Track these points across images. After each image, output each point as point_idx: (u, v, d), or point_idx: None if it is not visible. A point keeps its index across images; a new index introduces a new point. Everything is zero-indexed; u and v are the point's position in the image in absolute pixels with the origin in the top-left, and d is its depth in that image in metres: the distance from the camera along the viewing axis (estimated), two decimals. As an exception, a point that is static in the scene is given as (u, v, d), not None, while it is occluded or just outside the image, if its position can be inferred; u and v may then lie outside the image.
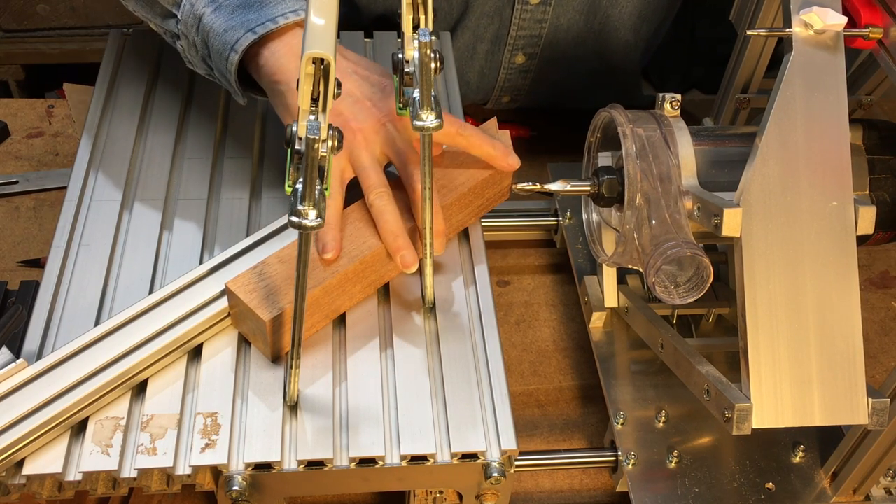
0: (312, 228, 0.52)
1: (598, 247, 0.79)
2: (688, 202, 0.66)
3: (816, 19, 0.62)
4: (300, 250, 0.55)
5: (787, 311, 0.61)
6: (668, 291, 0.64)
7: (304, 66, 0.49)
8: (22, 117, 1.08)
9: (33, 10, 1.89)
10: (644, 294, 0.82)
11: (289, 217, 0.52)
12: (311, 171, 0.51)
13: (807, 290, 0.62)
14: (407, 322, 0.71)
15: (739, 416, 0.60)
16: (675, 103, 0.70)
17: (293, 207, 0.52)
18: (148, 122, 0.86)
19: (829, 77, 0.63)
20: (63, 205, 0.77)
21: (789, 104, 0.62)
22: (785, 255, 0.62)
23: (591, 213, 0.80)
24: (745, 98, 0.83)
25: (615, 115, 0.70)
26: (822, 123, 0.62)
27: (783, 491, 0.71)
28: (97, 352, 0.64)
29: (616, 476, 0.74)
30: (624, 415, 0.75)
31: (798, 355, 0.61)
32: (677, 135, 0.69)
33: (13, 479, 0.60)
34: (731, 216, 0.61)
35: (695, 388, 0.66)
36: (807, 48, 0.63)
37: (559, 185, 0.72)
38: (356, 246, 0.69)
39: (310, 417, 0.64)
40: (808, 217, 0.62)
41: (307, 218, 0.51)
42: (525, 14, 1.00)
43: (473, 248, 0.77)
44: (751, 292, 0.61)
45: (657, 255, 0.63)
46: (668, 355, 0.71)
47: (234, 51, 0.70)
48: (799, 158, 0.62)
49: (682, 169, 0.67)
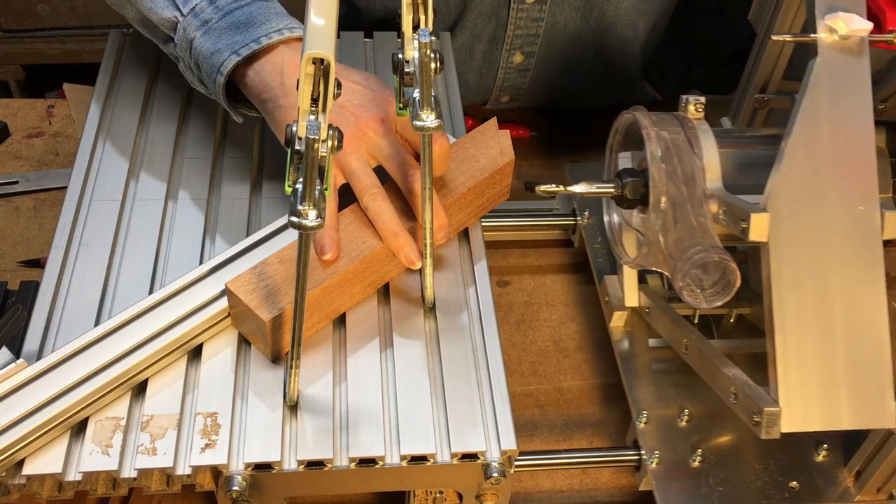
0: (313, 229, 0.52)
1: (619, 248, 0.79)
2: (713, 205, 0.66)
3: (842, 25, 0.62)
4: (300, 250, 0.55)
5: (815, 316, 0.62)
6: (694, 295, 0.64)
7: (303, 67, 0.49)
8: (22, 117, 1.08)
9: (33, 10, 1.89)
10: (665, 294, 0.81)
11: (289, 217, 0.52)
12: (310, 172, 0.51)
13: (834, 294, 0.62)
14: (407, 322, 0.71)
15: (768, 421, 0.61)
16: (699, 106, 0.70)
17: (293, 207, 0.52)
18: (148, 122, 0.86)
19: (854, 82, 0.63)
20: (63, 205, 0.77)
21: (815, 109, 0.62)
22: (812, 259, 0.62)
23: (611, 214, 0.80)
24: (764, 98, 0.83)
25: (639, 118, 0.70)
26: (847, 128, 0.62)
27: (807, 490, 0.71)
28: (97, 352, 0.64)
29: (639, 475, 0.74)
30: (647, 414, 0.75)
31: (826, 359, 0.62)
32: (701, 137, 0.69)
33: (13, 479, 0.60)
34: (758, 221, 0.61)
35: (721, 390, 0.66)
36: (832, 53, 0.63)
37: (583, 188, 0.72)
38: (356, 246, 0.69)
39: (310, 417, 0.64)
40: (835, 221, 0.62)
41: (307, 218, 0.51)
42: (521, 13, 1.00)
43: (473, 248, 0.77)
44: (778, 297, 0.62)
45: (685, 260, 0.63)
46: (693, 357, 0.71)
47: (220, 73, 0.73)
48: (825, 163, 0.62)
49: (706, 172, 0.67)
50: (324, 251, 0.67)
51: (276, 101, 0.71)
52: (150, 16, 0.77)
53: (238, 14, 0.73)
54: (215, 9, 0.74)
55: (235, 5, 0.74)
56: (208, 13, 0.74)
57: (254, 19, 0.73)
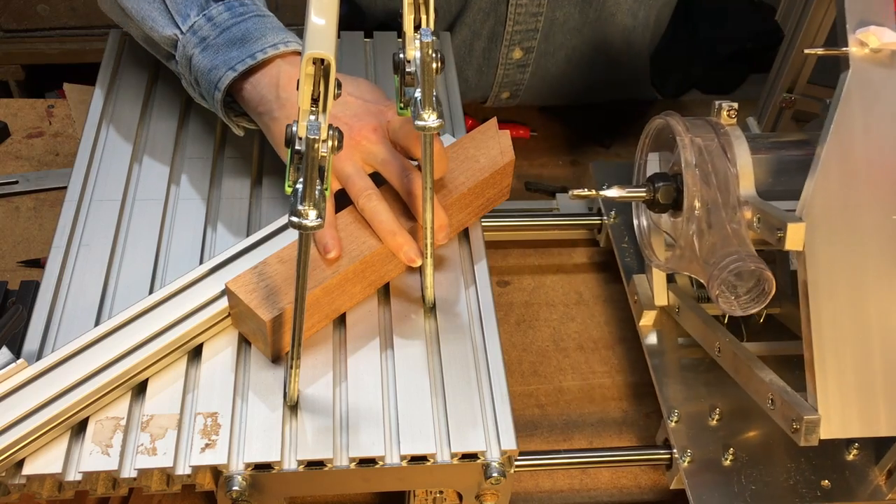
0: (313, 228, 0.52)
1: (650, 251, 0.79)
2: (747, 212, 0.67)
3: (873, 39, 0.63)
4: (300, 250, 0.55)
5: (852, 324, 0.62)
6: (729, 302, 0.65)
7: (304, 67, 0.49)
8: (22, 117, 1.08)
9: (33, 10, 1.89)
10: (694, 294, 0.82)
11: (289, 217, 0.52)
12: (311, 172, 0.51)
13: (870, 301, 0.63)
14: (407, 322, 0.71)
15: (808, 428, 0.61)
16: (732, 112, 0.71)
17: (293, 207, 0.52)
18: (148, 122, 0.86)
19: (886, 93, 0.64)
20: (63, 205, 0.77)
21: (848, 121, 0.63)
22: (847, 267, 0.63)
23: (640, 217, 0.80)
24: (791, 98, 0.83)
25: (672, 124, 0.70)
26: (880, 139, 0.64)
27: (838, 489, 0.71)
28: (97, 352, 0.64)
29: (671, 473, 0.74)
30: (678, 412, 0.75)
31: (863, 366, 0.62)
32: (735, 144, 0.69)
33: (13, 479, 0.60)
34: (794, 231, 0.62)
35: (757, 395, 0.67)
36: (864, 65, 0.64)
37: (615, 192, 0.73)
38: (356, 246, 0.69)
39: (310, 417, 0.64)
40: (870, 231, 0.63)
41: (307, 218, 0.51)
42: (520, 9, 1.00)
43: (473, 248, 0.77)
44: (815, 305, 0.62)
45: (721, 268, 0.64)
46: (727, 360, 0.71)
47: (218, 89, 0.74)
48: (859, 173, 0.63)
49: (740, 178, 0.68)
50: (327, 249, 0.67)
51: (271, 114, 0.72)
52: (152, 34, 0.78)
53: (235, 30, 0.74)
54: (213, 26, 0.75)
55: (232, 22, 0.75)
56: (206, 30, 0.75)
57: (250, 35, 0.74)
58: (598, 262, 0.96)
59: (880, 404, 0.62)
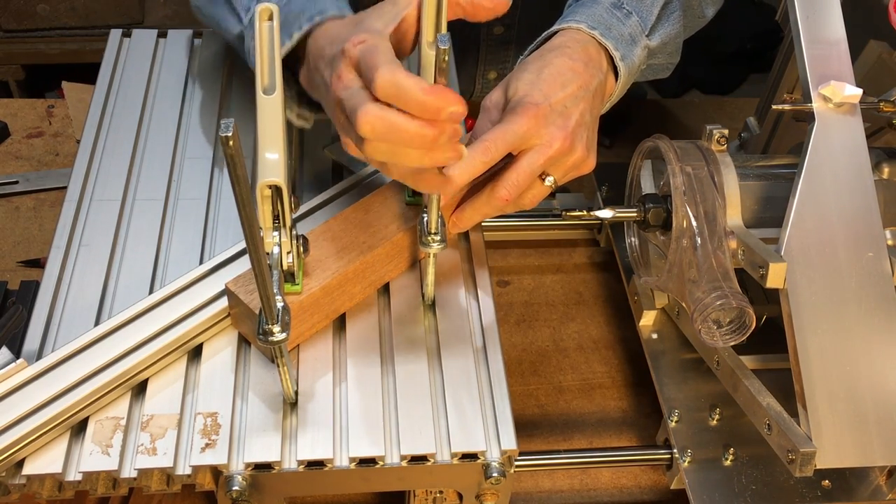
0: (279, 343, 0.57)
1: (642, 268, 0.81)
2: (732, 242, 0.69)
3: (836, 93, 0.67)
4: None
5: (838, 357, 0.65)
6: (712, 334, 0.67)
7: (260, 192, 0.56)
8: (22, 117, 1.08)
9: (33, 10, 1.89)
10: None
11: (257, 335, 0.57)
12: (270, 290, 0.54)
13: (854, 335, 0.65)
14: (407, 322, 0.71)
15: (803, 460, 0.63)
16: (723, 139, 0.73)
17: (261, 327, 0.57)
18: (148, 122, 0.86)
19: (850, 141, 0.68)
20: (63, 205, 0.77)
21: (817, 168, 0.67)
22: (829, 303, 0.65)
23: (632, 237, 0.83)
24: (792, 98, 0.84)
25: (663, 149, 0.72)
26: (848, 183, 0.68)
27: (839, 489, 0.71)
28: (97, 352, 0.64)
29: (671, 473, 0.75)
30: (678, 412, 0.75)
31: (853, 398, 0.64)
32: (723, 172, 0.71)
33: (13, 479, 0.60)
34: (776, 270, 0.65)
35: (754, 418, 0.68)
36: (828, 117, 0.68)
37: (607, 213, 0.76)
38: (356, 246, 0.69)
39: (310, 417, 0.64)
40: (847, 267, 0.66)
41: (272, 335, 0.57)
42: None
43: (473, 248, 0.77)
44: (801, 339, 0.64)
45: (705, 305, 0.66)
46: (725, 376, 0.73)
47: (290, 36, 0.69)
48: (831, 215, 0.67)
49: (727, 208, 0.70)
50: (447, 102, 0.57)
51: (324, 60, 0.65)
52: (227, 36, 0.78)
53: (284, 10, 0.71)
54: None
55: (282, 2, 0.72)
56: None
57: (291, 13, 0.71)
58: (598, 262, 0.96)
59: (873, 434, 0.64)
